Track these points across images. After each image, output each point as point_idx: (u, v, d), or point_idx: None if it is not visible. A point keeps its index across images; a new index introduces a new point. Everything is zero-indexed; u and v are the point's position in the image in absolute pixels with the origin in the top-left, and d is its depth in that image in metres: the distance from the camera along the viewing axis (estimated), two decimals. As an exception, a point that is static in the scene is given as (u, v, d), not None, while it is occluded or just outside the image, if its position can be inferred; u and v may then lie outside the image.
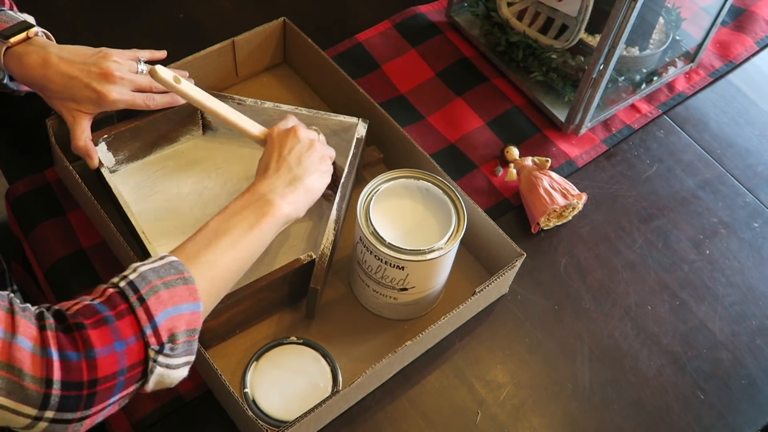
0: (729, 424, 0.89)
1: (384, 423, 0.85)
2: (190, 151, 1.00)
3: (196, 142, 1.01)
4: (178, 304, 0.67)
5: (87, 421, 0.64)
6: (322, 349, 0.86)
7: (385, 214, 0.85)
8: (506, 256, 0.91)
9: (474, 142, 1.09)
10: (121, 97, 0.89)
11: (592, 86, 1.04)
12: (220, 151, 1.01)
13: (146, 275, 0.67)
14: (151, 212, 0.94)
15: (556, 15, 1.11)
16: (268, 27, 1.07)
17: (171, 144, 1.00)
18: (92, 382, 0.62)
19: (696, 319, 0.97)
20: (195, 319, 0.69)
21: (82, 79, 0.87)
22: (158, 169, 0.98)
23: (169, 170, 0.98)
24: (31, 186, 0.98)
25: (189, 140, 1.01)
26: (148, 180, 0.97)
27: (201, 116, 1.00)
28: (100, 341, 0.62)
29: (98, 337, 0.63)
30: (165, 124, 0.97)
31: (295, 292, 0.89)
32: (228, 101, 0.97)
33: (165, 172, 0.98)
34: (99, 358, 0.62)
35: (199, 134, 1.02)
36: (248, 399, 0.83)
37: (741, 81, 1.23)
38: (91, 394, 0.63)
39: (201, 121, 1.00)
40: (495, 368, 0.90)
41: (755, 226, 1.06)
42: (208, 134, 1.02)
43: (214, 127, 1.01)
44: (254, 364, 0.86)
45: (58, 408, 0.62)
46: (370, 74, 1.15)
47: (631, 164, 1.11)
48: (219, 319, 0.83)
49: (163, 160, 0.99)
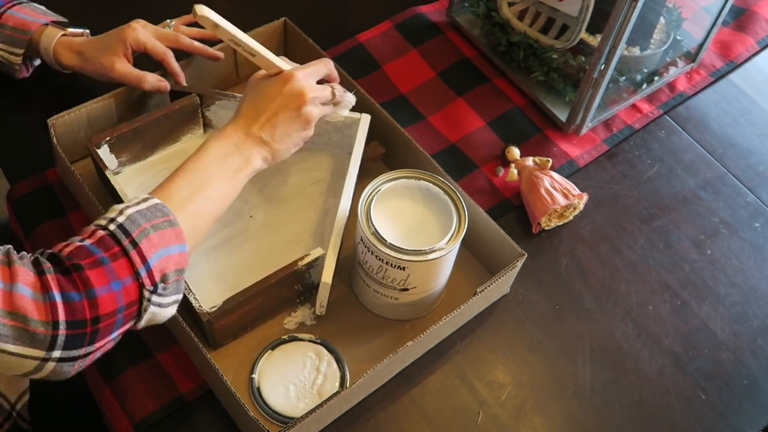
0: (730, 424, 0.89)
1: (385, 423, 0.85)
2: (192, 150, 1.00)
3: (198, 141, 1.01)
4: (167, 246, 0.70)
5: (90, 357, 0.68)
6: (336, 353, 0.87)
7: (386, 214, 0.85)
8: (507, 256, 0.91)
9: (475, 142, 1.09)
10: (145, 38, 0.97)
11: (593, 86, 1.04)
12: None
13: (135, 218, 0.69)
14: None
15: (557, 15, 1.11)
16: (269, 27, 1.07)
17: (173, 143, 1.00)
18: (95, 319, 0.65)
19: (697, 319, 0.97)
20: (183, 260, 0.72)
21: (111, 33, 0.98)
22: (162, 169, 0.98)
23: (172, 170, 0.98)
24: (33, 186, 0.98)
25: (191, 139, 1.01)
26: (152, 180, 0.97)
27: (202, 114, 1.00)
28: (98, 281, 0.65)
29: (96, 277, 0.65)
30: (166, 124, 0.97)
31: (306, 287, 0.90)
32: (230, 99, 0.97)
33: (168, 171, 0.98)
34: (99, 296, 0.65)
35: (201, 133, 1.02)
36: (253, 385, 0.83)
37: (742, 81, 1.23)
38: (94, 330, 0.66)
39: (202, 119, 1.00)
40: (496, 368, 0.90)
41: (756, 226, 1.06)
42: (209, 132, 1.02)
43: (215, 124, 1.01)
44: (268, 353, 0.86)
45: (64, 347, 0.65)
46: (370, 74, 1.15)
47: (632, 164, 1.10)
48: (231, 317, 0.83)
49: (166, 159, 0.99)
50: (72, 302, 0.64)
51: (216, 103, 0.99)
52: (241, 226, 0.95)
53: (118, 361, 0.86)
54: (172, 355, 0.87)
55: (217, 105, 0.99)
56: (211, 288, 0.89)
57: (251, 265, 0.91)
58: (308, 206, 0.98)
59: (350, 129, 0.99)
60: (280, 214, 0.97)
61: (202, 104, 0.99)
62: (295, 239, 0.94)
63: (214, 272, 0.90)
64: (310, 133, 0.86)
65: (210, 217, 0.78)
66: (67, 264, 0.65)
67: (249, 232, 0.94)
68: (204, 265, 0.91)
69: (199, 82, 1.04)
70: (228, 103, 0.98)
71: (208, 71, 1.05)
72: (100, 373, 0.86)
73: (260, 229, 0.95)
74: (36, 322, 0.63)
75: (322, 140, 1.01)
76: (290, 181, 1.00)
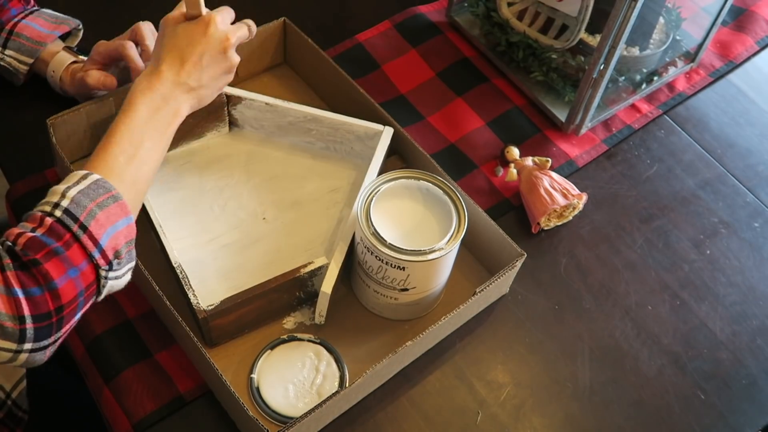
0: (729, 424, 0.89)
1: (385, 423, 0.85)
2: (216, 147, 1.01)
3: (222, 139, 1.02)
4: (114, 223, 0.72)
5: (59, 341, 0.70)
6: (336, 353, 0.86)
7: (385, 214, 0.85)
8: (507, 256, 0.91)
9: (474, 142, 1.09)
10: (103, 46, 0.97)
11: (592, 86, 1.04)
12: (244, 149, 1.02)
13: (79, 200, 0.70)
14: (170, 206, 0.95)
15: (557, 15, 1.11)
16: (269, 27, 1.07)
17: (197, 138, 1.01)
18: (58, 309, 0.68)
19: (696, 319, 0.97)
20: (131, 231, 0.74)
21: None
22: (183, 163, 0.99)
23: (193, 165, 0.99)
24: (32, 186, 0.98)
25: (215, 136, 1.02)
26: (172, 173, 0.98)
27: (228, 112, 1.00)
28: (56, 272, 0.67)
29: (53, 268, 0.67)
30: (191, 119, 0.96)
31: (308, 295, 0.90)
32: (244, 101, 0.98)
33: (189, 167, 0.99)
34: (60, 287, 0.67)
35: (226, 131, 1.02)
36: (252, 385, 0.84)
37: (741, 81, 1.23)
38: (59, 319, 0.68)
39: (228, 117, 1.00)
40: (495, 368, 0.90)
41: (756, 225, 1.06)
42: (234, 131, 1.02)
43: (241, 123, 1.01)
44: (267, 352, 0.86)
45: (34, 339, 0.67)
46: (370, 74, 1.15)
47: (631, 164, 1.11)
48: (228, 318, 0.84)
49: (188, 154, 1.00)
50: (34, 297, 0.66)
51: (242, 103, 0.98)
52: (253, 226, 0.95)
53: (117, 361, 0.86)
54: (171, 355, 0.87)
55: (243, 104, 0.99)
56: (215, 286, 0.89)
57: (258, 267, 0.91)
58: (323, 214, 0.97)
59: (372, 140, 0.98)
60: (294, 218, 0.96)
61: (229, 103, 0.99)
62: (305, 245, 0.94)
63: (220, 270, 0.91)
64: (232, 77, 0.87)
65: (148, 179, 0.79)
66: (24, 260, 0.66)
67: (260, 233, 0.94)
68: (211, 262, 0.91)
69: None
70: (254, 104, 0.98)
71: (208, 71, 1.04)
72: (99, 372, 0.86)
73: (272, 231, 0.95)
74: (4, 316, 0.65)
75: (344, 149, 1.01)
76: (307, 186, 0.99)
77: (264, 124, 1.01)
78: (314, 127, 0.99)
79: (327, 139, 1.01)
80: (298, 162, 1.01)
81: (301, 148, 1.02)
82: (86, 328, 0.88)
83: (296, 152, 1.02)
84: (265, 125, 1.01)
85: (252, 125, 1.01)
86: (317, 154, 1.02)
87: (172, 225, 0.92)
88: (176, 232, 0.92)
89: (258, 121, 1.01)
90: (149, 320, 0.89)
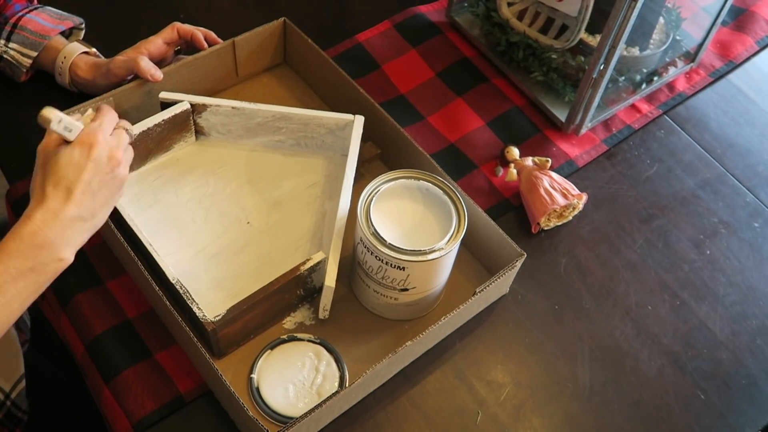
0: (729, 424, 0.89)
1: (384, 423, 0.85)
2: (186, 158, 1.00)
3: (191, 149, 1.01)
4: None
5: None
6: (336, 353, 0.87)
7: (385, 214, 0.85)
8: (506, 257, 0.91)
9: (474, 142, 1.09)
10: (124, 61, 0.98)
11: (592, 86, 1.04)
12: (215, 156, 1.01)
13: None
14: (151, 224, 0.93)
15: (557, 15, 1.11)
16: (268, 27, 1.07)
17: (165, 152, 0.99)
18: None
19: (696, 319, 0.97)
20: None
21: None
22: (155, 179, 0.98)
23: (166, 179, 0.98)
24: (32, 186, 0.98)
25: (183, 147, 1.01)
26: (147, 190, 0.96)
27: (194, 121, 0.99)
28: None
29: None
30: (157, 133, 0.96)
31: (308, 292, 0.90)
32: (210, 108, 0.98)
33: (162, 181, 0.98)
34: None
35: (193, 140, 1.01)
36: (252, 385, 0.84)
37: (741, 81, 1.23)
38: None
39: (194, 126, 1.00)
40: (495, 368, 0.90)
41: (755, 226, 1.06)
42: (201, 140, 1.02)
43: (207, 131, 1.01)
44: (267, 352, 0.86)
45: None
46: (370, 74, 1.15)
47: (631, 164, 1.11)
48: (235, 326, 0.83)
49: (159, 169, 0.99)
50: None
51: (208, 110, 0.98)
52: (238, 233, 0.94)
53: (117, 361, 0.86)
54: (171, 355, 0.87)
55: (209, 112, 0.98)
56: (211, 297, 0.88)
57: (251, 272, 0.91)
58: (305, 210, 0.97)
59: (343, 131, 0.99)
60: (278, 219, 0.96)
61: (194, 112, 0.98)
62: (294, 244, 0.94)
63: (213, 281, 0.90)
64: (123, 192, 0.79)
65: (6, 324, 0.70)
66: None
67: (247, 238, 0.94)
68: (203, 274, 0.90)
69: (198, 83, 1.04)
70: (220, 109, 0.97)
71: (207, 72, 1.04)
72: (99, 372, 0.86)
73: (258, 235, 0.95)
74: None
75: (315, 143, 1.01)
76: (285, 185, 0.99)
77: (231, 128, 1.00)
78: (284, 125, 0.99)
79: (297, 135, 1.00)
80: (272, 162, 1.01)
81: (272, 147, 1.02)
82: (86, 328, 0.88)
83: (268, 152, 1.02)
84: (233, 129, 1.00)
85: (219, 131, 1.00)
86: (289, 151, 1.02)
87: (156, 242, 0.89)
88: (162, 249, 0.89)
89: (225, 126, 1.00)
90: (149, 320, 0.89)
